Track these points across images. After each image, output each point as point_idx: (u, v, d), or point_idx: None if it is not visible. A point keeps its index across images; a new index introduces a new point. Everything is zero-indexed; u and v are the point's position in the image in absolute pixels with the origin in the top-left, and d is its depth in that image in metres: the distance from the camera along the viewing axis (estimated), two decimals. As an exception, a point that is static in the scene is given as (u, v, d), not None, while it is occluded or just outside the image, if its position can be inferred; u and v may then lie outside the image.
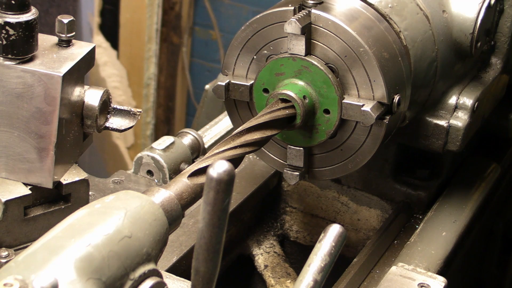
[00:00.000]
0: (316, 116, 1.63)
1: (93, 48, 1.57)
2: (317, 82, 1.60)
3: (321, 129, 1.64)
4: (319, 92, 1.61)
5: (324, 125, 1.63)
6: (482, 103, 1.92)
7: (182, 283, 1.49)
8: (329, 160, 1.69)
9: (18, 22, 1.44)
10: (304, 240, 2.14)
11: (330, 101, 1.61)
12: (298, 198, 2.11)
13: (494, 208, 2.24)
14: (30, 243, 1.14)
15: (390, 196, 1.99)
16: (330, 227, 1.21)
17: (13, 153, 1.50)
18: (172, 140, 2.02)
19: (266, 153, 1.76)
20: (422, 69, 1.74)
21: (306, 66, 1.60)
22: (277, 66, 1.63)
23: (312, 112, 1.62)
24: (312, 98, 1.61)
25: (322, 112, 1.62)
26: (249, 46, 1.67)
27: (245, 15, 4.58)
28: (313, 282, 1.18)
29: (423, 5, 1.77)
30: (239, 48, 1.68)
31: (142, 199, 1.22)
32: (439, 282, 1.63)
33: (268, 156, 1.76)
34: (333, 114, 1.61)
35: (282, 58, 1.62)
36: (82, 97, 1.55)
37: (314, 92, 1.61)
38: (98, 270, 1.08)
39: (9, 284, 1.01)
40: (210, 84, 2.57)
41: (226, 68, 1.71)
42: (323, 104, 1.61)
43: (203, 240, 1.10)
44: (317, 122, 1.63)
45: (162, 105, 4.93)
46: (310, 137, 1.66)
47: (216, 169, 1.05)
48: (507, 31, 1.95)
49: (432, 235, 1.84)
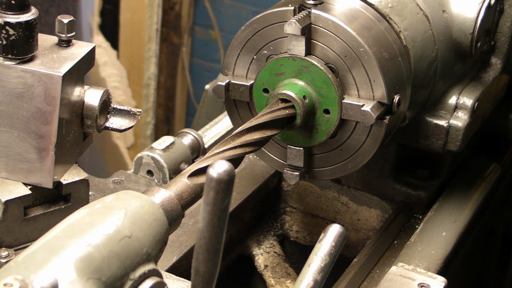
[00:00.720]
0: (316, 116, 1.63)
1: (93, 48, 1.57)
2: (317, 82, 1.60)
3: (321, 129, 1.64)
4: (319, 92, 1.61)
5: (324, 125, 1.63)
6: (482, 103, 1.92)
7: (182, 283, 1.49)
8: (329, 160, 1.69)
9: (18, 22, 1.44)
10: (304, 240, 2.14)
11: (330, 101, 1.61)
12: (298, 198, 2.11)
13: (494, 208, 2.24)
14: (30, 243, 1.14)
15: (390, 196, 1.99)
16: (330, 227, 1.21)
17: (13, 153, 1.50)
18: (172, 140, 2.02)
19: (266, 153, 1.76)
20: (422, 69, 1.74)
21: (306, 66, 1.60)
22: (277, 66, 1.63)
23: (312, 112, 1.62)
24: (312, 98, 1.61)
25: (322, 112, 1.62)
26: (249, 46, 1.67)
27: (245, 15, 4.58)
28: (313, 282, 1.18)
29: (423, 5, 1.77)
30: (239, 48, 1.68)
31: (142, 199, 1.22)
32: (439, 282, 1.63)
33: (268, 156, 1.76)
34: (333, 114, 1.61)
35: (282, 58, 1.62)
36: (82, 97, 1.55)
37: (314, 92, 1.61)
38: (98, 270, 1.08)
39: (9, 284, 1.01)
40: (210, 84, 2.57)
41: (226, 68, 1.71)
42: (323, 104, 1.61)
43: (203, 240, 1.10)
44: (317, 122, 1.63)
45: (162, 105, 4.93)
46: (310, 137, 1.66)
47: (216, 169, 1.05)
48: (507, 31, 1.95)
49: (432, 235, 1.84)
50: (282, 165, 1.75)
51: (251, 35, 1.66)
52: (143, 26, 4.66)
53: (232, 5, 4.63)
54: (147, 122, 4.91)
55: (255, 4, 4.52)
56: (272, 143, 1.73)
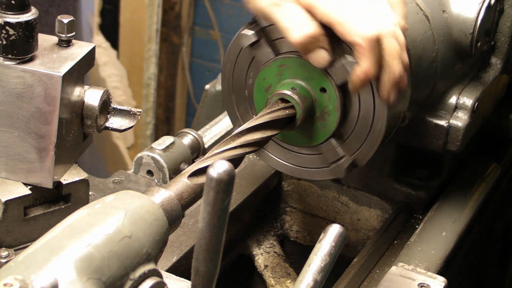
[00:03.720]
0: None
1: (93, 48, 1.57)
2: (301, 72, 1.59)
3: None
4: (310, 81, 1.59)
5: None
6: (482, 103, 1.92)
7: (182, 283, 1.48)
8: (360, 136, 1.63)
9: (18, 22, 1.44)
10: (304, 240, 2.14)
11: (321, 79, 1.59)
12: (298, 198, 2.11)
13: (494, 208, 2.24)
14: (30, 243, 1.14)
15: (390, 196, 1.99)
16: (330, 227, 1.21)
17: (13, 153, 1.50)
18: (172, 140, 2.02)
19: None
20: (422, 69, 1.74)
21: (282, 64, 1.60)
22: (261, 83, 1.64)
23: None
24: (309, 92, 1.60)
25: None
26: (236, 85, 1.70)
27: (245, 15, 4.58)
28: (313, 282, 1.18)
29: (423, 5, 1.77)
30: (230, 94, 1.72)
31: (142, 199, 1.22)
32: (439, 282, 1.63)
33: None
34: (330, 90, 1.58)
35: (260, 73, 1.63)
36: (82, 97, 1.55)
37: (309, 87, 1.60)
38: (98, 270, 1.08)
39: (9, 284, 1.01)
40: (210, 84, 2.57)
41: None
42: (318, 85, 1.59)
43: (203, 240, 1.10)
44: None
45: (162, 105, 4.93)
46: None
47: (216, 169, 1.05)
48: (507, 31, 1.95)
49: (432, 235, 1.85)
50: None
51: (231, 75, 1.69)
52: (143, 26, 4.66)
53: (232, 5, 4.63)
54: (147, 122, 4.91)
55: (255, 4, 4.51)
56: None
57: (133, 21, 4.69)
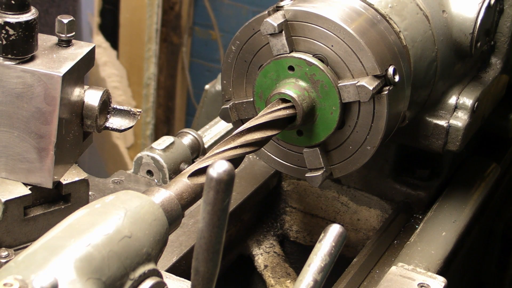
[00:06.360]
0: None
1: (93, 48, 1.57)
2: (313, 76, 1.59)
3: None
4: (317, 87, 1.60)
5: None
6: (482, 103, 1.92)
7: (182, 283, 1.49)
8: (346, 150, 1.66)
9: (18, 22, 1.44)
10: (304, 240, 2.14)
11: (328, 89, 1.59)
12: (298, 198, 2.11)
13: (494, 208, 2.24)
14: (30, 243, 1.14)
15: (390, 196, 1.99)
16: (330, 227, 1.21)
17: (13, 153, 1.50)
18: (172, 140, 2.03)
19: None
20: (422, 69, 1.74)
21: (295, 63, 1.60)
22: (268, 74, 1.64)
23: (312, 111, 1.62)
24: (311, 95, 1.60)
25: (322, 109, 1.61)
26: (238, 65, 1.68)
27: (245, 15, 4.58)
28: (313, 282, 1.18)
29: (423, 5, 1.77)
30: (231, 71, 1.69)
31: (142, 199, 1.22)
32: (439, 282, 1.63)
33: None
34: (334, 101, 1.59)
35: (269, 65, 1.63)
36: (82, 97, 1.55)
37: (313, 90, 1.60)
38: (98, 270, 1.08)
39: (9, 284, 1.01)
40: (210, 84, 2.57)
41: (226, 94, 1.72)
42: (322, 98, 1.60)
43: (203, 240, 1.10)
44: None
45: (162, 105, 4.93)
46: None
47: (216, 169, 1.05)
48: (507, 31, 1.95)
49: (432, 235, 1.85)
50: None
51: (238, 52, 1.67)
52: (143, 26, 4.67)
53: (232, 5, 4.63)
54: (147, 122, 4.92)
55: (255, 4, 4.52)
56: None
57: (133, 21, 4.69)
